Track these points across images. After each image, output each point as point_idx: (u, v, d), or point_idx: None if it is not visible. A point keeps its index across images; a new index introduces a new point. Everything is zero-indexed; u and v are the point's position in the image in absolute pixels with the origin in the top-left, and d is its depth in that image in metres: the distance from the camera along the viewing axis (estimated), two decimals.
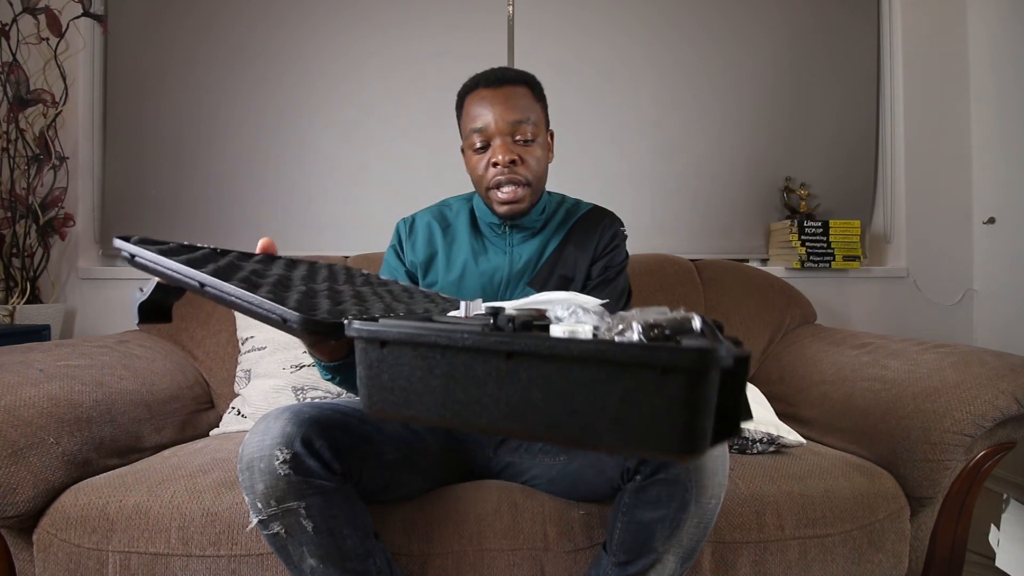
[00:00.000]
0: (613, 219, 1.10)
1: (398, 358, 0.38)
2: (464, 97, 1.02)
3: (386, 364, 0.39)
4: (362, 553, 0.77)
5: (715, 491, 0.75)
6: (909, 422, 1.02)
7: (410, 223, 1.12)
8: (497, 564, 0.89)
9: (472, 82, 1.01)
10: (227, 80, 1.85)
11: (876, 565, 0.97)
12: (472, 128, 0.98)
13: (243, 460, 0.72)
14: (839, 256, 1.85)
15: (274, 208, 1.85)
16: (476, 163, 1.00)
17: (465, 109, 1.01)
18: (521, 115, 0.97)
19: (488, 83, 0.98)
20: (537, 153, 0.99)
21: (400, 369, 0.38)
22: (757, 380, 1.45)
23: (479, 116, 0.97)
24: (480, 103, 0.98)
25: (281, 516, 0.71)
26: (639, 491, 0.76)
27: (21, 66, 1.66)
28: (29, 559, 0.92)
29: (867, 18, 2.01)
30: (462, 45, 1.88)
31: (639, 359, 0.31)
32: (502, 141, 0.96)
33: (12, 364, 1.00)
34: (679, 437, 0.31)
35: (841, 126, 2.00)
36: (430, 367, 0.37)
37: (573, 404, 0.33)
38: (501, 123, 0.96)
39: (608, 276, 1.05)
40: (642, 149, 1.94)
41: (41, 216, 1.68)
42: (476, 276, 1.04)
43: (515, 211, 1.00)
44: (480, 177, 1.00)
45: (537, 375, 0.34)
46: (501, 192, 0.98)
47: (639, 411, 0.31)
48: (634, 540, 0.77)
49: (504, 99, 0.97)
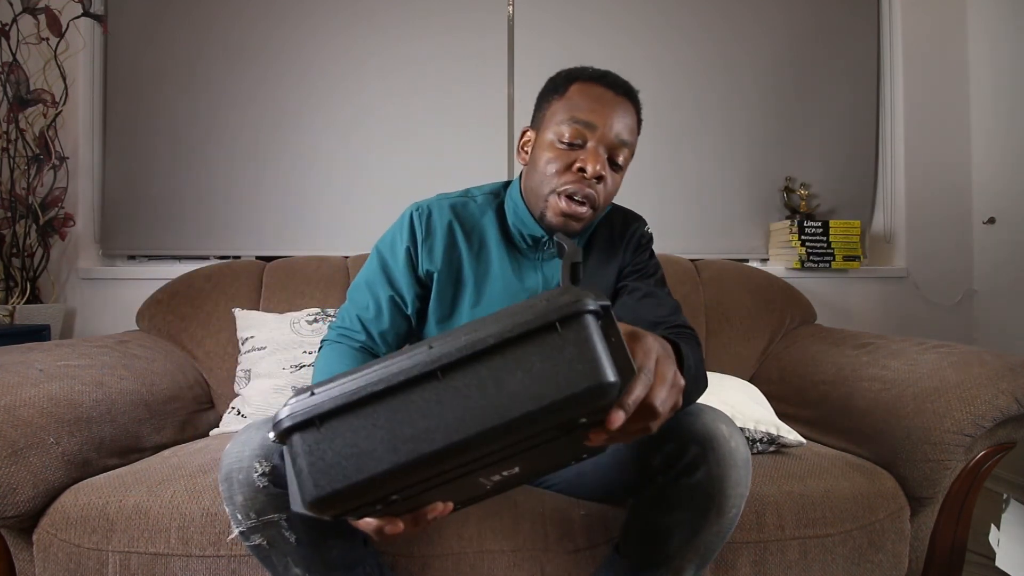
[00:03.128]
0: (635, 220, 1.00)
1: (335, 428, 0.37)
2: (573, 80, 0.87)
3: (326, 440, 0.37)
4: (350, 562, 0.76)
5: (736, 500, 0.72)
6: (909, 422, 1.02)
7: (426, 217, 0.92)
8: (497, 565, 0.88)
9: (594, 72, 0.87)
10: (227, 80, 1.85)
11: (876, 565, 0.97)
12: (575, 117, 0.83)
13: (222, 471, 0.70)
14: (839, 256, 1.86)
15: (274, 208, 1.85)
16: (553, 158, 0.84)
17: (570, 93, 0.85)
18: (629, 137, 0.86)
19: (612, 85, 0.85)
20: (619, 183, 0.89)
21: (343, 437, 0.37)
22: (757, 380, 1.45)
23: (591, 110, 0.83)
24: (597, 98, 0.84)
25: (262, 528, 0.69)
26: (660, 494, 0.74)
27: (21, 66, 1.66)
28: (29, 559, 0.92)
29: (867, 18, 2.01)
30: (462, 45, 1.88)
31: (541, 322, 0.36)
32: (600, 151, 0.83)
33: (12, 364, 1.00)
34: (587, 371, 0.35)
35: (841, 126, 2.00)
36: (373, 420, 0.37)
37: (507, 385, 0.35)
38: (610, 132, 0.83)
39: (649, 289, 0.93)
40: (642, 149, 1.92)
41: (41, 216, 1.68)
42: (511, 300, 0.90)
43: (569, 227, 0.86)
44: (552, 175, 0.84)
45: (471, 377, 0.36)
46: (570, 203, 0.84)
47: (553, 363, 0.35)
48: (651, 544, 0.75)
49: (623, 111, 0.85)
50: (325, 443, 0.37)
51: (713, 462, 0.69)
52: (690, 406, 0.75)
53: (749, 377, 1.50)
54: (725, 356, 1.52)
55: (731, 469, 0.70)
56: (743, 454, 0.71)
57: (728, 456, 0.70)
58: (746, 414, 1.09)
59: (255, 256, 1.85)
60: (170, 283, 1.51)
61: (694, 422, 0.71)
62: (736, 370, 1.50)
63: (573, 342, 0.35)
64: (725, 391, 1.18)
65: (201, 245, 1.85)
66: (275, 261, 1.60)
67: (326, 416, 0.37)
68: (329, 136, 1.87)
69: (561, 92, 0.87)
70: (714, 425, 0.71)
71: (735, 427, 0.73)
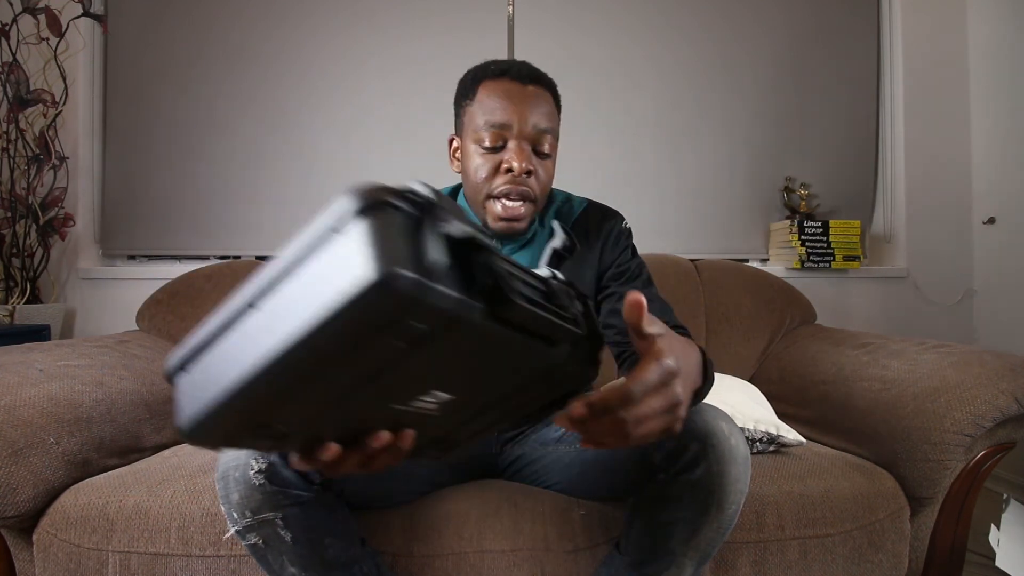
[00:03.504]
0: (612, 216, 0.98)
1: (196, 365, 0.38)
2: (480, 81, 0.86)
3: (190, 377, 0.39)
4: (346, 561, 0.76)
5: (736, 497, 0.72)
6: (909, 422, 1.02)
7: None
8: (497, 565, 0.88)
9: (496, 68, 0.85)
10: (227, 80, 1.85)
11: (876, 565, 0.97)
12: (489, 121, 0.83)
13: (219, 470, 0.70)
14: (839, 256, 1.86)
15: (274, 208, 1.85)
16: (480, 164, 0.85)
17: (480, 96, 0.85)
18: (548, 124, 0.85)
19: (519, 76, 0.84)
20: (551, 169, 0.88)
21: (201, 372, 0.38)
22: (757, 380, 1.45)
23: (501, 109, 0.82)
24: (505, 96, 0.83)
25: (258, 527, 0.70)
26: (660, 491, 0.74)
27: (21, 66, 1.66)
28: (29, 559, 0.92)
29: (867, 18, 2.01)
30: (462, 45, 1.88)
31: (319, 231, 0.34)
32: (522, 146, 0.83)
33: (12, 364, 1.00)
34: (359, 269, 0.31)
35: (841, 126, 2.00)
36: (218, 354, 0.38)
37: (300, 302, 0.34)
38: (526, 126, 0.83)
39: (636, 286, 0.91)
40: (642, 149, 1.94)
41: (41, 216, 1.68)
42: None
43: (512, 229, 0.87)
44: (483, 181, 0.85)
45: (278, 299, 0.35)
46: (506, 204, 0.85)
47: (333, 269, 0.33)
48: (651, 540, 0.76)
49: (534, 100, 0.84)
50: (189, 379, 0.39)
51: (713, 459, 0.69)
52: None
53: (749, 377, 1.50)
54: (725, 356, 1.52)
55: (731, 466, 0.70)
56: (743, 451, 0.72)
57: (728, 453, 0.70)
58: (746, 414, 1.09)
59: (255, 256, 1.85)
60: (170, 283, 1.51)
61: (694, 419, 0.72)
62: (736, 370, 1.50)
63: (349, 244, 0.32)
64: (725, 391, 1.18)
65: (201, 245, 1.85)
66: None
67: (188, 358, 0.38)
68: (329, 136, 1.87)
69: (471, 96, 0.87)
70: (714, 423, 0.72)
71: (734, 425, 0.74)
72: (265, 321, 0.35)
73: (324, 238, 0.33)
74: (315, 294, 0.32)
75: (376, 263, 0.30)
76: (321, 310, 0.31)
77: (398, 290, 0.30)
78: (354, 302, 0.30)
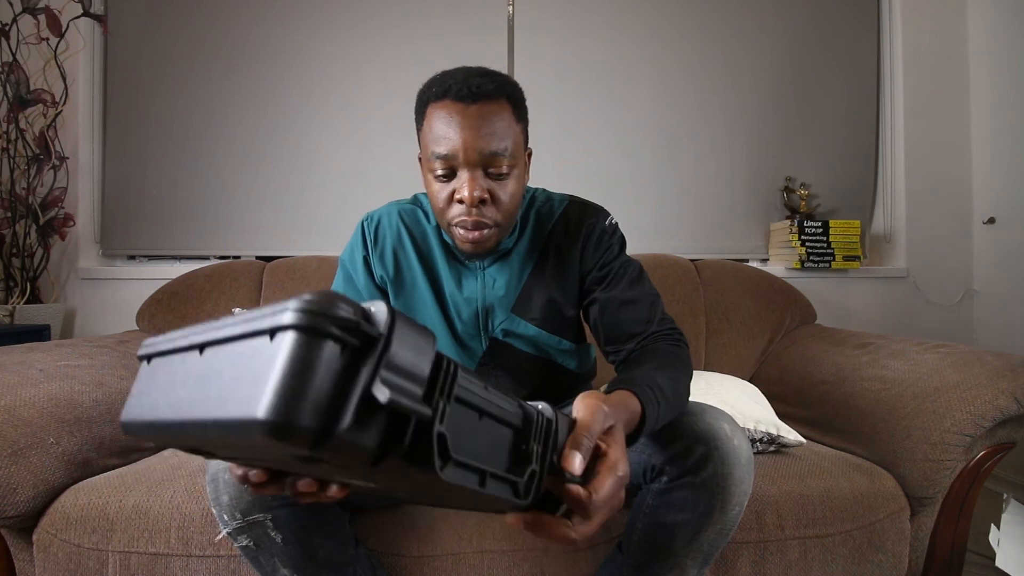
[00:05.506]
0: (593, 213, 0.91)
1: (152, 370, 0.39)
2: (427, 104, 0.80)
3: (144, 377, 0.39)
4: (339, 562, 0.76)
5: (740, 499, 0.72)
6: (909, 422, 1.02)
7: (375, 226, 0.93)
8: (497, 565, 0.88)
9: (440, 87, 0.78)
10: (227, 80, 1.85)
11: (876, 565, 0.97)
12: (435, 152, 0.77)
13: (209, 472, 0.70)
14: (839, 256, 1.86)
15: (273, 208, 1.85)
16: (437, 191, 0.80)
17: (427, 121, 0.79)
18: (498, 145, 0.76)
19: (459, 96, 0.76)
20: (511, 188, 0.80)
21: (149, 380, 0.39)
22: (757, 380, 1.45)
23: (444, 139, 0.76)
24: (447, 121, 0.76)
25: (248, 528, 0.70)
26: (664, 493, 0.73)
27: (21, 66, 1.66)
28: (29, 559, 0.92)
29: (867, 19, 2.01)
30: (462, 46, 1.88)
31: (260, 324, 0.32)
32: (471, 175, 0.76)
33: (12, 364, 1.00)
34: (250, 398, 0.30)
35: (841, 126, 2.00)
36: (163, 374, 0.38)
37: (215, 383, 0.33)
38: (472, 154, 0.75)
39: (624, 297, 0.86)
40: (642, 149, 1.94)
41: (41, 216, 1.68)
42: (454, 307, 0.89)
43: (480, 249, 0.82)
44: (441, 209, 0.81)
45: (219, 359, 0.34)
46: (462, 233, 0.80)
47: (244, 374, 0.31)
48: (654, 542, 0.75)
49: (478, 122, 0.75)
50: (149, 372, 0.39)
51: (717, 460, 0.69)
52: (692, 407, 0.76)
53: (749, 377, 1.50)
54: (725, 356, 1.52)
55: (734, 467, 0.70)
56: (746, 452, 0.72)
57: (731, 454, 0.70)
58: (746, 414, 1.09)
59: (255, 256, 1.85)
60: (170, 283, 1.51)
61: (696, 422, 0.72)
62: (736, 370, 1.50)
63: (268, 359, 0.29)
64: (725, 391, 1.18)
65: (201, 245, 1.85)
66: (275, 261, 1.61)
67: (154, 355, 0.39)
68: (329, 136, 1.87)
69: (421, 121, 0.82)
70: (717, 424, 0.71)
71: (737, 426, 0.74)
72: (202, 372, 0.33)
73: (261, 331, 0.31)
74: (233, 384, 0.30)
75: (273, 403, 0.28)
76: (228, 413, 0.30)
77: (290, 435, 0.28)
78: (247, 426, 0.29)
